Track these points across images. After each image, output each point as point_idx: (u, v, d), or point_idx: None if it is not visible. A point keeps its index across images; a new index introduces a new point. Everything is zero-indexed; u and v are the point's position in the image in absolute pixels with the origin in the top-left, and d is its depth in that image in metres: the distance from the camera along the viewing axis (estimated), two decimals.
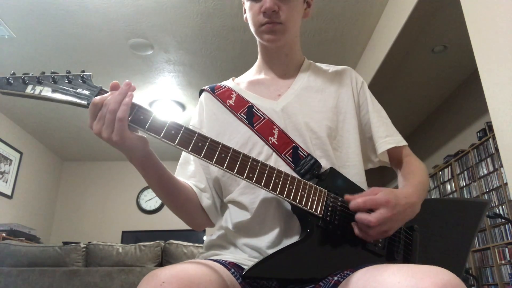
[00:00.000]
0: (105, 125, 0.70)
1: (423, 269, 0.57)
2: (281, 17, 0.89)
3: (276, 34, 0.91)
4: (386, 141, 0.94)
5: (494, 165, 3.93)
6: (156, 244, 2.77)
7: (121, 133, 0.70)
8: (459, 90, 4.80)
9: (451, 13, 3.33)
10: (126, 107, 0.70)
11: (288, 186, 0.75)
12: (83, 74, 0.76)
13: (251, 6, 0.92)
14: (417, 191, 0.83)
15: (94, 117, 0.72)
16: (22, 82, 0.73)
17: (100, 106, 0.71)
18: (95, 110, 0.71)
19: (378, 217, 0.72)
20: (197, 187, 0.92)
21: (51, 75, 0.74)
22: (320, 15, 3.42)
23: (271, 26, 0.89)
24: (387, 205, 0.73)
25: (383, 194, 0.75)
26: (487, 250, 4.07)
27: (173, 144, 0.72)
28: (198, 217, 0.92)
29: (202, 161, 0.94)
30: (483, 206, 0.98)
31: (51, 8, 3.26)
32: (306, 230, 0.77)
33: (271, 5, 0.86)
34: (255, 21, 0.91)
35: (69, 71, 0.76)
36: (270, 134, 0.87)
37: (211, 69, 4.21)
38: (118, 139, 0.70)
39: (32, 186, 5.73)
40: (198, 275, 0.62)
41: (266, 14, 0.88)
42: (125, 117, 0.70)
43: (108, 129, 0.70)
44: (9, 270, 2.57)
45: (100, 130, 0.71)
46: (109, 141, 0.71)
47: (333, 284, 0.71)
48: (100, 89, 0.75)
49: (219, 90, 0.99)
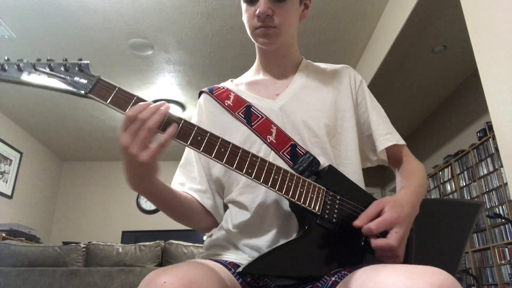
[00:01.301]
0: (136, 140, 0.67)
1: (419, 269, 0.57)
2: (275, 21, 0.88)
3: (270, 38, 0.91)
4: (387, 139, 0.94)
5: (494, 165, 3.93)
6: (156, 244, 2.77)
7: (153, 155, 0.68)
8: (459, 90, 4.80)
9: (451, 13, 3.33)
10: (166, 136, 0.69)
11: (287, 182, 0.75)
12: (80, 62, 0.73)
13: (247, 9, 0.92)
14: (416, 193, 0.84)
15: (126, 129, 0.68)
16: (17, 68, 0.69)
17: (134, 119, 0.67)
18: (128, 123, 0.68)
19: (397, 238, 0.73)
20: (197, 191, 0.93)
21: (47, 62, 0.71)
22: (320, 15, 3.42)
23: (265, 30, 0.89)
24: (399, 221, 0.74)
25: (391, 210, 0.75)
26: (487, 250, 4.07)
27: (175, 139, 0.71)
28: (202, 220, 0.93)
29: (204, 162, 0.95)
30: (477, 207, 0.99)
31: (51, 8, 3.26)
32: (304, 227, 0.77)
33: (264, 9, 0.86)
34: (250, 24, 0.91)
35: (65, 58, 0.73)
36: (268, 133, 0.87)
37: (211, 69, 4.21)
38: (146, 159, 0.68)
39: (32, 186, 5.73)
40: (199, 275, 0.62)
41: (260, 18, 0.88)
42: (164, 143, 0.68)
43: (139, 145, 0.67)
44: (9, 270, 2.57)
45: (128, 144, 0.68)
46: (132, 157, 0.68)
47: (330, 285, 0.71)
48: (98, 78, 0.71)
49: (217, 91, 0.99)
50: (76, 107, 4.90)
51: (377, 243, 0.73)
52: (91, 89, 0.70)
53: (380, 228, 0.73)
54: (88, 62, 0.74)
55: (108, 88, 0.71)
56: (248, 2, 0.90)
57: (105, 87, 0.71)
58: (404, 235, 0.75)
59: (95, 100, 0.70)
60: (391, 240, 0.72)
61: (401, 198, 0.79)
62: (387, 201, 0.77)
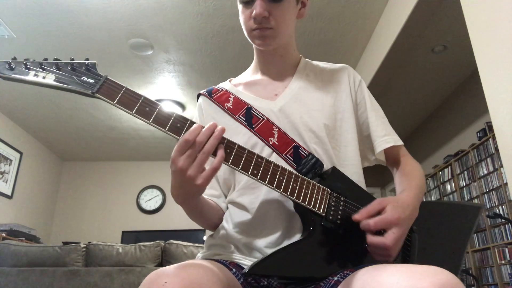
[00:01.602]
0: (195, 163, 0.70)
1: (421, 269, 0.57)
2: (271, 22, 0.88)
3: (267, 39, 0.90)
4: (385, 140, 0.95)
5: (494, 165, 3.93)
6: (156, 244, 2.77)
7: (208, 178, 0.71)
8: (459, 90, 4.80)
9: (451, 13, 3.33)
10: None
11: (292, 184, 0.75)
12: (87, 62, 0.73)
13: (243, 10, 0.91)
14: (416, 195, 0.84)
15: (183, 152, 0.70)
16: (24, 67, 0.69)
17: (192, 143, 0.70)
18: (185, 146, 0.70)
19: (393, 239, 0.73)
20: (215, 197, 0.95)
21: (55, 62, 0.71)
22: (320, 15, 3.42)
23: (261, 31, 0.89)
24: (398, 223, 0.74)
25: (392, 211, 0.75)
26: (487, 250, 4.08)
27: (178, 137, 0.71)
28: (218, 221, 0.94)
29: None
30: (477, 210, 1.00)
31: (51, 8, 3.26)
32: (308, 228, 0.77)
33: (261, 11, 0.85)
34: (247, 26, 0.91)
35: (72, 58, 0.73)
36: (270, 135, 0.87)
37: (211, 69, 4.21)
38: (202, 181, 0.71)
39: (32, 186, 5.73)
40: (200, 275, 0.63)
41: (256, 20, 0.87)
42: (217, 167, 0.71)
43: (197, 168, 0.70)
44: (9, 270, 2.57)
45: (187, 167, 0.70)
46: (189, 180, 0.70)
47: (333, 284, 0.71)
48: (106, 78, 0.71)
49: (216, 93, 0.98)
50: (76, 107, 4.90)
51: (373, 240, 0.74)
52: (98, 89, 0.70)
53: (378, 226, 0.74)
54: (95, 62, 0.74)
55: (116, 88, 0.71)
56: (244, 4, 0.90)
57: (112, 87, 0.71)
58: (401, 237, 0.75)
59: (102, 100, 0.70)
60: (387, 240, 0.73)
61: (403, 201, 0.80)
62: (389, 201, 0.77)
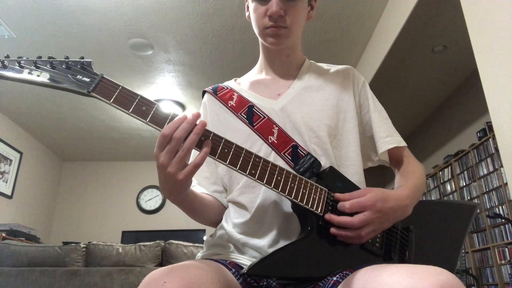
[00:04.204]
0: (175, 160, 0.68)
1: (421, 269, 0.57)
2: (287, 21, 0.88)
3: (280, 38, 0.91)
4: (387, 141, 0.95)
5: (494, 165, 3.92)
6: (156, 244, 2.77)
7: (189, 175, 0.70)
8: (459, 90, 4.80)
9: (451, 13, 3.33)
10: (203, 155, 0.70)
11: (290, 183, 0.75)
12: (83, 60, 0.71)
13: (256, 7, 0.91)
14: (411, 194, 0.84)
15: (162, 148, 0.69)
16: (18, 65, 0.67)
17: (170, 138, 0.68)
18: (164, 142, 0.68)
19: (361, 220, 0.73)
20: (215, 192, 0.95)
21: (49, 60, 0.69)
22: (320, 16, 3.42)
23: (276, 30, 0.89)
24: (372, 208, 0.74)
25: (370, 196, 0.75)
26: (487, 250, 4.07)
27: None
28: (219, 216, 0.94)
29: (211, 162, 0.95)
30: (472, 208, 1.00)
31: (51, 8, 3.26)
32: (306, 228, 0.77)
33: (277, 9, 0.86)
34: (260, 24, 0.91)
35: (67, 56, 0.71)
36: (270, 133, 0.87)
37: (211, 69, 4.21)
38: (183, 178, 0.69)
39: (32, 186, 5.73)
40: (199, 275, 0.63)
41: (272, 18, 0.87)
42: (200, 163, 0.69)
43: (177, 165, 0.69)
44: (9, 270, 2.57)
45: (167, 163, 0.68)
46: (170, 176, 0.69)
47: (332, 284, 0.71)
48: (101, 77, 0.70)
49: (221, 91, 0.99)
50: (76, 107, 4.90)
51: (339, 219, 0.74)
52: (94, 88, 0.69)
53: (353, 208, 0.74)
54: (90, 60, 0.72)
55: (112, 87, 0.70)
56: (258, 0, 0.90)
57: (108, 86, 0.70)
58: (372, 222, 0.74)
59: (98, 99, 0.69)
60: (355, 219, 0.73)
61: (391, 194, 0.79)
62: (374, 190, 0.78)
